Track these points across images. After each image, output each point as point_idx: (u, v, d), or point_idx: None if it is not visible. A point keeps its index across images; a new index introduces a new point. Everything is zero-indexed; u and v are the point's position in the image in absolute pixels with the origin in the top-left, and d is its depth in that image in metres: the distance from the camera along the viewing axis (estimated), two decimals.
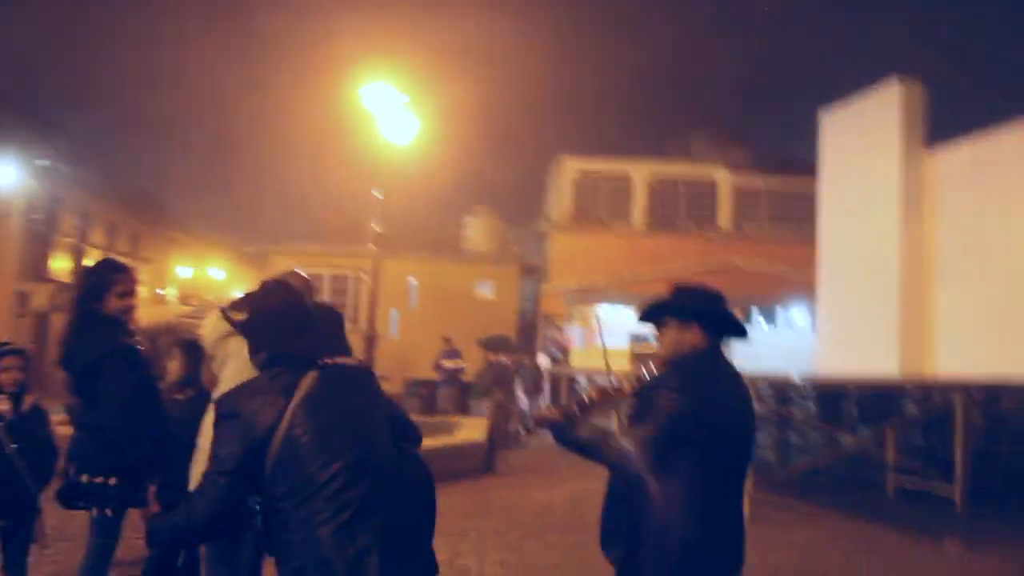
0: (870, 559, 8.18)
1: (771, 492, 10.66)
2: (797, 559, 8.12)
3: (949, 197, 15.38)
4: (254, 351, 2.97)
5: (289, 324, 3.00)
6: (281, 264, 24.04)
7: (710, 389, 3.26)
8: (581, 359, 17.90)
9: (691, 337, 3.36)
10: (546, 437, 3.63)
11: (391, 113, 14.49)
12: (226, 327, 4.03)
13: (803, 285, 21.75)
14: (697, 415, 3.12)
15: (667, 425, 3.12)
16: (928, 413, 12.70)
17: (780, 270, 22.69)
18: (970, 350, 14.45)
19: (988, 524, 9.92)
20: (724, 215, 24.11)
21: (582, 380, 17.44)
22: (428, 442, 12.10)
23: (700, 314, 3.40)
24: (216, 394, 4.01)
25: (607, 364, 3.69)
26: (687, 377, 3.24)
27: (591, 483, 3.89)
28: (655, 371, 3.39)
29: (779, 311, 23.80)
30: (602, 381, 3.58)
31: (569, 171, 24.98)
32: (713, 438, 3.16)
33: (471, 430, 14.30)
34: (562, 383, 18.00)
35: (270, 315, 3.09)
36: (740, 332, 3.59)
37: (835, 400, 14.63)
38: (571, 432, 3.33)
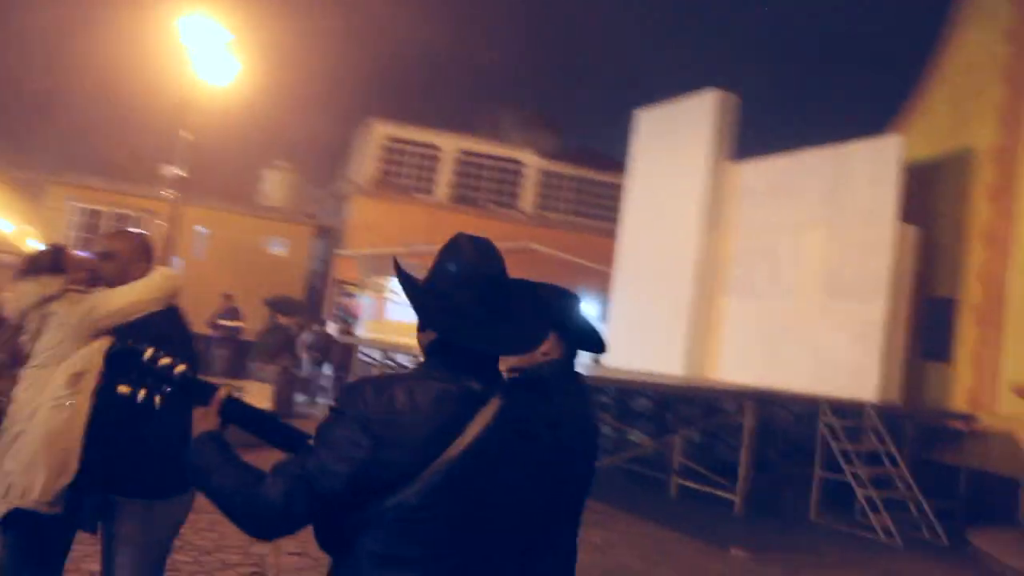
0: (664, 563, 8.24)
1: None
2: (595, 558, 8.07)
3: (748, 209, 16.01)
4: (424, 328, 2.11)
5: (486, 308, 2.10)
6: (58, 196, 21.91)
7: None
8: (375, 329, 17.34)
9: (546, 346, 2.81)
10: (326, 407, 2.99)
11: (210, 51, 13.21)
12: (39, 292, 3.34)
13: (598, 277, 22.21)
14: None
15: None
16: (716, 418, 13.18)
17: (577, 260, 23.04)
18: (751, 359, 15.12)
19: (766, 528, 10.35)
20: (528, 199, 24.18)
21: (374, 354, 16.91)
22: None
23: (560, 322, 2.97)
24: (29, 371, 3.30)
25: None
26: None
27: None
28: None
29: None
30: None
31: (378, 136, 24.24)
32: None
33: (257, 398, 13.46)
34: (353, 354, 17.38)
35: (466, 287, 2.12)
36: (599, 346, 3.25)
37: (629, 398, 14.96)
38: None
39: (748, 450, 11.08)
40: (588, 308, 19.43)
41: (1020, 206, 12.50)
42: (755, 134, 18.29)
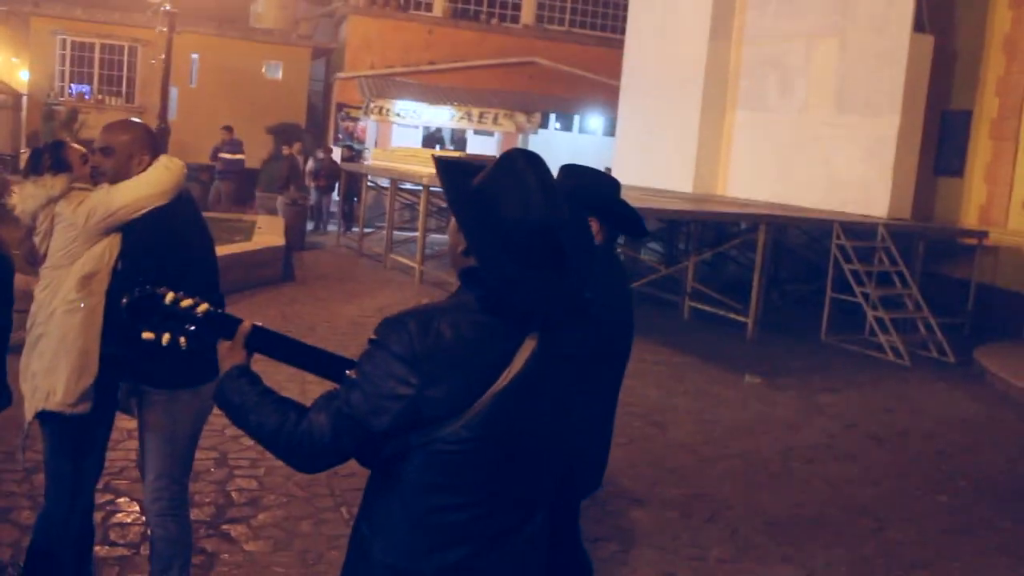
0: (681, 391, 8.53)
1: None
2: None
3: (757, 18, 15.49)
4: (467, 252, 1.93)
5: (538, 239, 1.89)
6: (42, 29, 21.18)
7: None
8: (382, 157, 17.14)
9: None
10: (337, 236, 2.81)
11: None
12: (45, 194, 3.31)
13: (604, 90, 21.77)
14: None
15: None
16: (728, 240, 13.24)
17: (582, 72, 22.50)
18: (761, 175, 15.06)
19: (778, 351, 10.64)
20: (528, 11, 23.34)
21: (383, 182, 16.82)
22: (226, 249, 11.13)
23: (600, 207, 2.95)
24: (45, 271, 3.32)
25: None
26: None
27: (397, 295, 3.41)
28: None
29: (575, 114, 23.83)
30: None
31: None
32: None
33: (269, 234, 13.54)
34: (362, 183, 17.31)
35: (514, 207, 1.89)
36: (639, 230, 3.25)
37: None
38: None
39: (760, 273, 11.21)
40: (594, 122, 19.36)
41: None
42: None
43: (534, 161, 1.94)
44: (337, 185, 19.21)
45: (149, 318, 2.21)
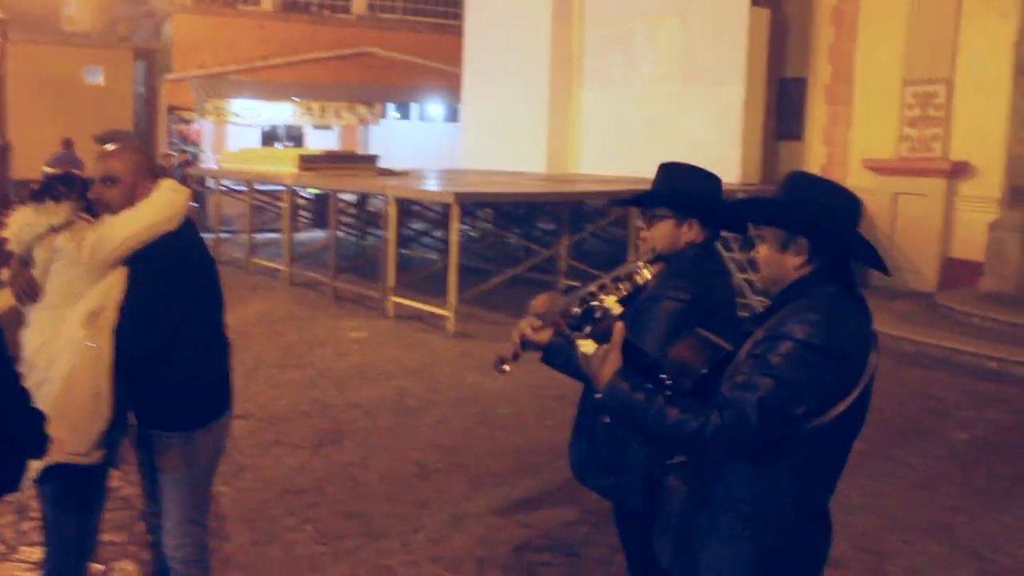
0: None
1: (474, 305, 10.90)
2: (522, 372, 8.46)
3: (599, 2, 15.89)
4: (817, 252, 2.23)
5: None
6: None
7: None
8: (234, 159, 16.51)
9: (688, 232, 2.93)
10: None
11: None
12: (46, 222, 3.05)
13: (444, 77, 21.74)
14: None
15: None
16: (600, 219, 13.57)
17: (419, 60, 22.40)
18: (614, 151, 15.48)
19: None
20: (360, 1, 22.99)
21: (226, 184, 16.24)
22: None
23: (704, 207, 2.94)
24: (39, 312, 3.04)
25: None
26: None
27: (271, 299, 3.34)
28: (648, 269, 2.82)
29: (412, 103, 23.71)
30: (610, 281, 2.83)
31: None
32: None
33: None
34: (211, 185, 16.65)
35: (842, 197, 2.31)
36: (740, 226, 3.16)
37: (513, 208, 15.13)
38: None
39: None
40: (431, 109, 19.25)
41: None
42: None
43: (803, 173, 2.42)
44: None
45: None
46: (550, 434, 6.80)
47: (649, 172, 3.16)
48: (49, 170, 17.18)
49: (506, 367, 2.62)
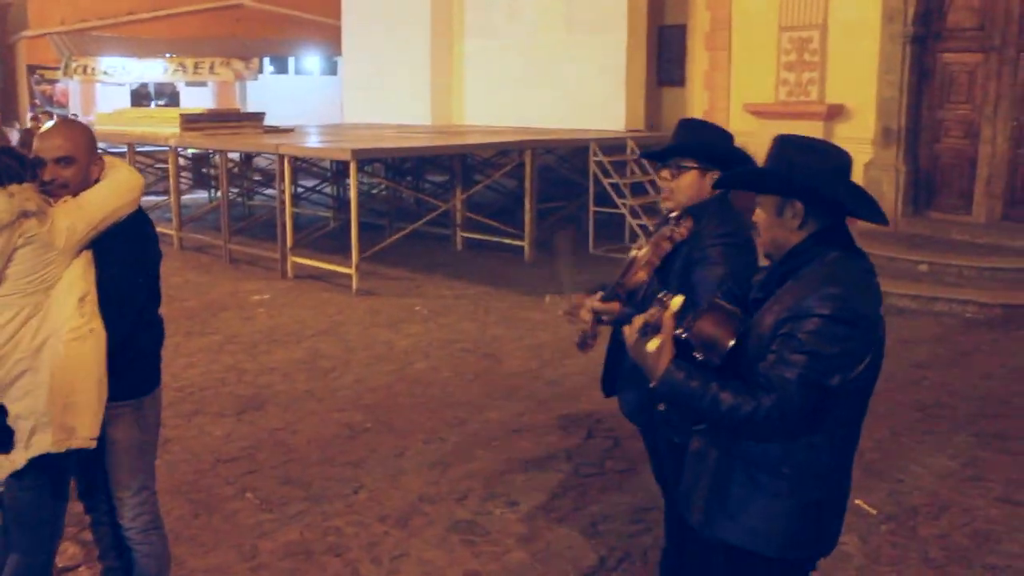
0: (492, 320, 8.89)
1: (373, 262, 10.89)
2: (429, 328, 8.56)
3: None
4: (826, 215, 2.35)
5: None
6: None
7: None
8: (109, 121, 15.74)
9: (711, 182, 3.11)
10: None
11: None
12: (18, 206, 2.92)
13: (323, 30, 21.26)
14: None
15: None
16: (493, 169, 13.66)
17: (295, 13, 21.82)
18: (499, 101, 15.54)
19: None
20: None
21: (103, 147, 15.57)
22: None
23: (724, 160, 3.11)
24: (11, 296, 2.94)
25: None
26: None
27: (164, 264, 3.36)
28: (683, 225, 3.07)
29: (289, 57, 23.14)
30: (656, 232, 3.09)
31: None
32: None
33: None
34: None
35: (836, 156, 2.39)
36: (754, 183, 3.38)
37: (401, 162, 15.03)
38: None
39: (531, 197, 11.74)
40: (310, 63, 18.94)
41: None
42: None
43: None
44: None
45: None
46: (469, 386, 6.96)
47: (534, 121, 3.39)
48: None
49: (590, 343, 3.21)
